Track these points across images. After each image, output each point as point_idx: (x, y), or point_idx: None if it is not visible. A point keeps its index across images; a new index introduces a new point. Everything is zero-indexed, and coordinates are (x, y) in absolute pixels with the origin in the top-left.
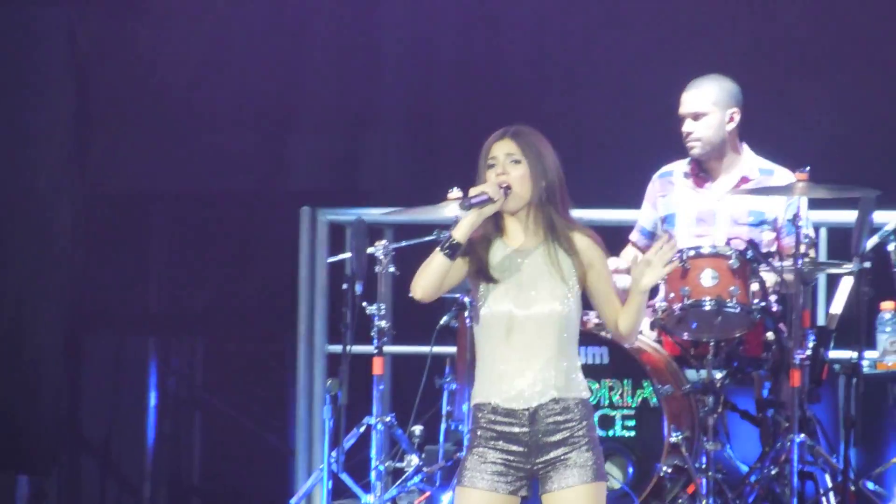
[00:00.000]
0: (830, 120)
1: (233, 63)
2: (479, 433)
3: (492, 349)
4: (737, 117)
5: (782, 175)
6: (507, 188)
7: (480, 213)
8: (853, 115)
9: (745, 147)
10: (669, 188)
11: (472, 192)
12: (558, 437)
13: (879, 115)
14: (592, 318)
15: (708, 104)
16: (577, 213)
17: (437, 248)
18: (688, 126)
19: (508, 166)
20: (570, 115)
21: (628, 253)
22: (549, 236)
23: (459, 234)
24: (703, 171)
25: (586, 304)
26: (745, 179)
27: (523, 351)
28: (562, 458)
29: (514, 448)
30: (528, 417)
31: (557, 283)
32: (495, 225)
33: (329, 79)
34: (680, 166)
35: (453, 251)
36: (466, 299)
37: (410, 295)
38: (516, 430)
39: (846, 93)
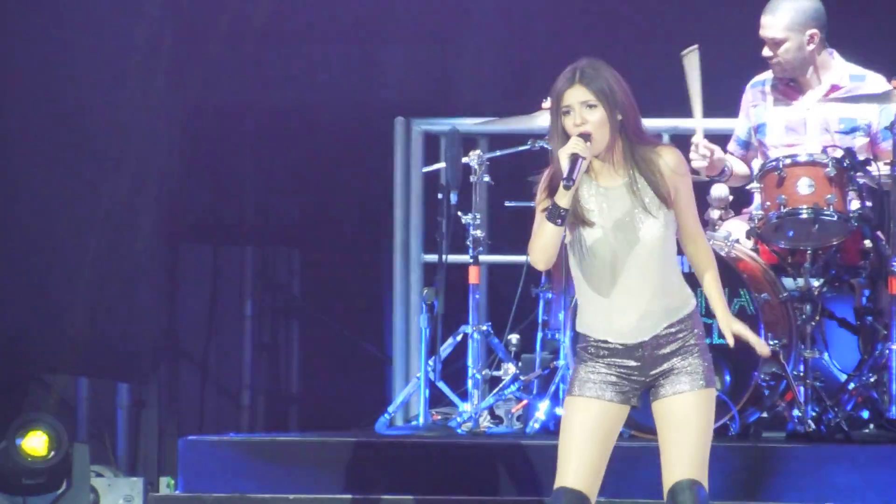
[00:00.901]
0: None
1: None
2: (589, 350)
3: (593, 287)
4: (817, 37)
5: (874, 80)
6: (589, 136)
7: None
8: None
9: (835, 55)
10: (760, 98)
11: (562, 159)
12: (670, 348)
13: None
14: None
15: (783, 31)
16: (675, 123)
17: (546, 219)
18: (767, 51)
19: (585, 112)
20: (667, 23)
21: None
22: (631, 168)
23: (565, 201)
24: (792, 82)
25: None
26: (834, 87)
27: (628, 288)
28: (675, 366)
29: (628, 363)
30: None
31: (647, 214)
32: None
33: None
34: (771, 76)
35: (563, 219)
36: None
37: (532, 265)
38: (629, 344)
39: None
